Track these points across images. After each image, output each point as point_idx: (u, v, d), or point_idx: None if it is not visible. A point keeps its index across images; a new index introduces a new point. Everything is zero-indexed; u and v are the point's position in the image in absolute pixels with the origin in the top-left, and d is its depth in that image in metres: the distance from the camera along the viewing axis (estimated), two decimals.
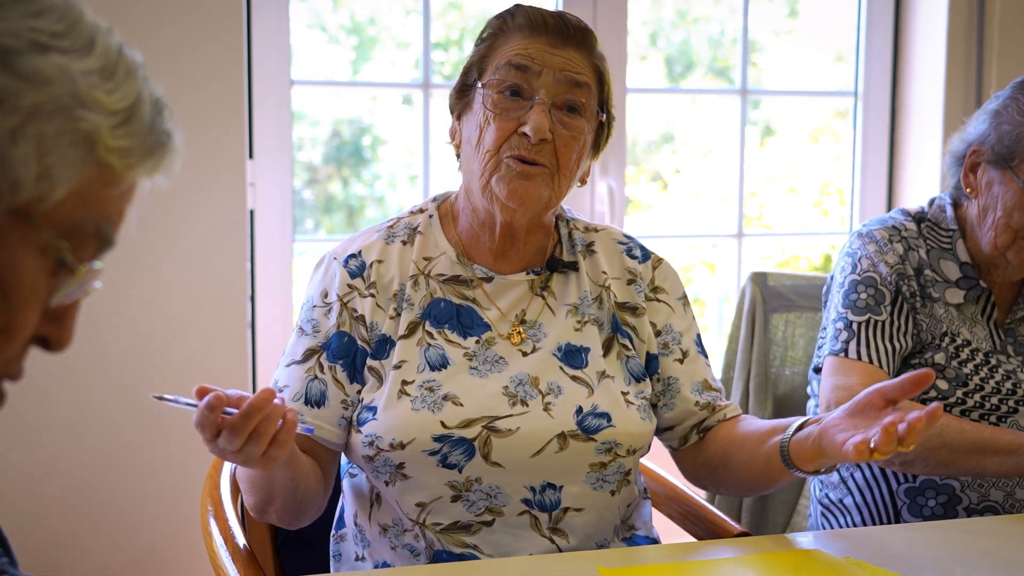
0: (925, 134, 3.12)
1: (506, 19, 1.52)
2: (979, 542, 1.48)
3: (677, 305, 1.63)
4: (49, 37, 0.71)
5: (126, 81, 0.75)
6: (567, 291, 1.57)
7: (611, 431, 1.47)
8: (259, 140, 2.67)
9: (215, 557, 1.42)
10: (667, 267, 1.65)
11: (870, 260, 1.80)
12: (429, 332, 1.50)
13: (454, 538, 1.45)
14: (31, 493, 2.49)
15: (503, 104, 1.47)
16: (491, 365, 1.49)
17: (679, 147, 3.73)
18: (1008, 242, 1.75)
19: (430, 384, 1.46)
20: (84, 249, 0.75)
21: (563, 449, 1.46)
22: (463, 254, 1.56)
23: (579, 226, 1.64)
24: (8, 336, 0.74)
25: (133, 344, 2.52)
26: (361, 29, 3.20)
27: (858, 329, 1.77)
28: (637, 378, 1.55)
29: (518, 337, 1.53)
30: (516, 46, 1.49)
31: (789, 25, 3.56)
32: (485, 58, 1.51)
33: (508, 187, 1.46)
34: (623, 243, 1.65)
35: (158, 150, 0.77)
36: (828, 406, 1.73)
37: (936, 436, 1.66)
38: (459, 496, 1.44)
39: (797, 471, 1.43)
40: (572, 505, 1.47)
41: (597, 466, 1.48)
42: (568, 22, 1.51)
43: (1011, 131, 1.73)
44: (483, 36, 1.54)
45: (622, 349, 1.56)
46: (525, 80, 1.47)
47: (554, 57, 1.48)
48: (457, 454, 1.43)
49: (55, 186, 0.71)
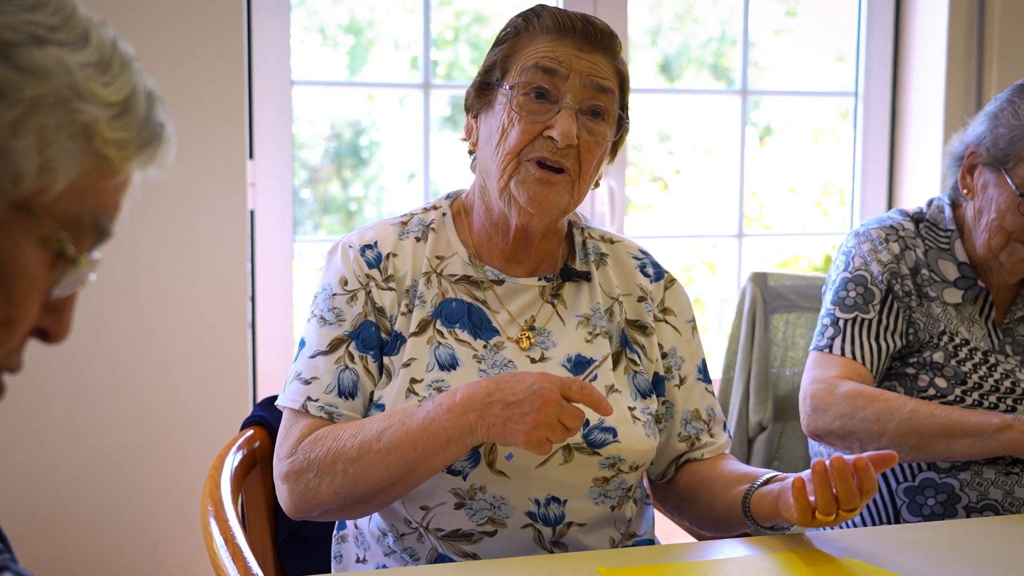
0: (925, 134, 3.12)
1: (531, 19, 1.50)
2: (979, 542, 1.48)
3: (685, 329, 1.61)
4: (46, 30, 0.72)
5: (121, 74, 0.75)
6: (579, 301, 1.55)
7: (616, 447, 1.46)
8: (259, 140, 2.67)
9: (215, 557, 1.41)
10: (678, 289, 1.63)
11: (863, 259, 1.81)
12: (440, 331, 1.49)
13: (455, 546, 1.45)
14: (31, 493, 2.49)
15: (529, 106, 1.45)
16: (500, 369, 1.48)
17: (679, 147, 3.73)
18: (1001, 244, 1.76)
19: (439, 384, 1.45)
20: (83, 241, 0.76)
21: (568, 461, 1.44)
22: (475, 255, 1.55)
23: (594, 235, 1.62)
24: (9, 328, 0.74)
25: (133, 344, 2.52)
26: (359, 30, 3.20)
27: (844, 326, 1.78)
28: (643, 394, 1.54)
29: (527, 342, 1.51)
30: (543, 48, 1.47)
31: (789, 25, 3.56)
32: (509, 58, 1.49)
33: (528, 192, 1.45)
34: (638, 258, 1.63)
35: (153, 142, 0.77)
36: (805, 399, 1.75)
37: (906, 422, 1.67)
38: (463, 504, 1.43)
39: (754, 524, 1.45)
40: (576, 520, 1.46)
41: (600, 481, 1.47)
42: (595, 26, 1.49)
43: (1006, 134, 1.74)
44: (505, 34, 1.52)
45: (630, 364, 1.55)
46: (552, 83, 1.45)
47: (581, 61, 1.46)
48: (462, 460, 1.41)
49: (56, 178, 0.72)
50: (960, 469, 1.76)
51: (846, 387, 1.72)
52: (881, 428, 1.68)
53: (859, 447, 1.71)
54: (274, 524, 1.65)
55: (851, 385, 1.72)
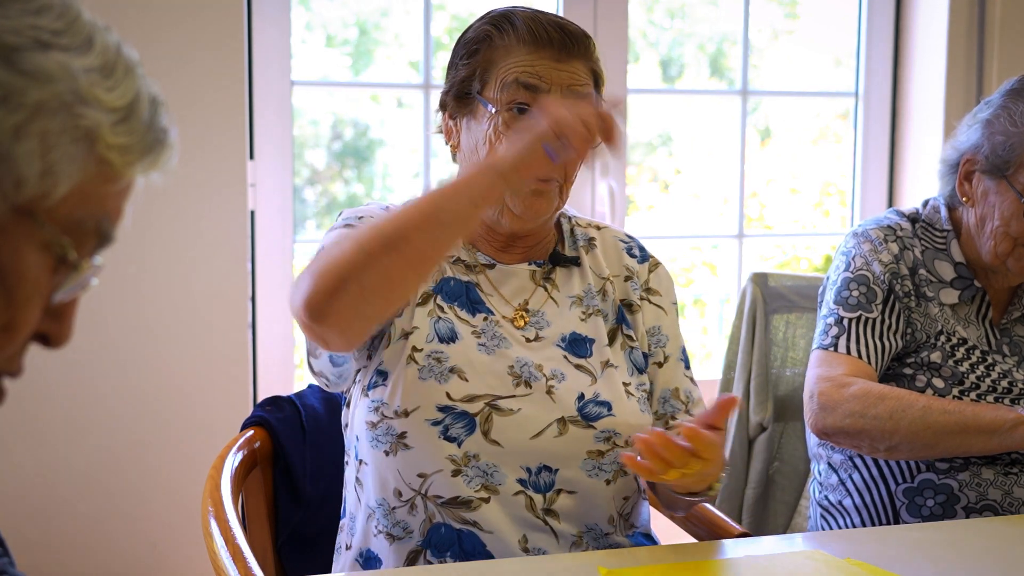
0: (926, 135, 3.12)
1: (505, 28, 1.50)
2: (979, 542, 1.49)
3: (670, 309, 1.64)
4: (50, 35, 0.72)
5: (125, 79, 0.75)
6: (570, 284, 1.59)
7: (611, 420, 1.49)
8: (260, 141, 2.68)
9: (215, 557, 1.42)
10: (663, 271, 1.67)
11: (864, 259, 1.81)
12: (440, 306, 1.52)
13: (454, 513, 1.46)
14: (32, 493, 2.49)
15: (514, 123, 1.46)
16: (497, 341, 1.51)
17: (679, 148, 3.73)
18: (1008, 250, 1.76)
19: (438, 355, 1.48)
20: (85, 246, 0.76)
21: (562, 434, 1.47)
22: (466, 241, 1.57)
23: (580, 223, 1.66)
24: (11, 333, 0.74)
25: (134, 345, 2.52)
26: (360, 30, 3.20)
27: (848, 325, 1.78)
28: (640, 370, 1.57)
29: (521, 320, 1.54)
30: (521, 62, 1.48)
31: (789, 26, 3.56)
32: (487, 70, 1.50)
33: (523, 204, 1.49)
34: (624, 242, 1.66)
35: (156, 147, 0.77)
36: (812, 396, 1.75)
37: (919, 419, 1.67)
38: (459, 471, 1.45)
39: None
40: (565, 487, 1.48)
41: (595, 454, 1.49)
42: (571, 34, 1.50)
43: (1004, 141, 1.74)
44: (478, 42, 1.52)
45: (626, 340, 1.58)
46: (533, 99, 1.46)
47: (561, 73, 1.48)
48: (458, 427, 1.44)
49: (58, 183, 0.72)
50: (959, 470, 1.76)
51: (855, 385, 1.71)
52: (894, 426, 1.68)
53: (869, 445, 1.71)
54: (274, 524, 1.65)
55: (861, 383, 1.72)
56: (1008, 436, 1.65)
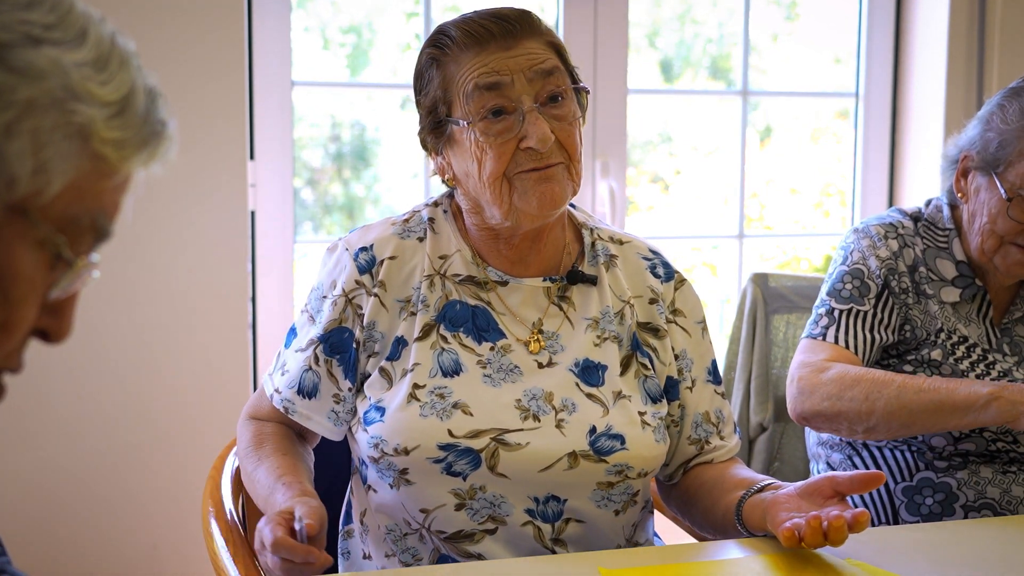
0: (926, 135, 3.12)
1: (444, 43, 1.45)
2: (978, 542, 1.48)
3: (695, 330, 1.59)
4: (41, 29, 0.71)
5: (119, 72, 0.74)
6: (588, 304, 1.53)
7: (624, 454, 1.44)
8: (260, 141, 2.68)
9: (216, 558, 1.42)
10: (688, 289, 1.61)
11: (861, 253, 1.83)
12: (443, 336, 1.47)
13: (458, 547, 1.44)
14: (32, 493, 2.49)
15: (493, 129, 1.41)
16: (505, 374, 1.46)
17: (680, 148, 3.73)
18: (994, 247, 1.77)
19: (441, 391, 1.43)
20: (81, 242, 0.75)
21: (572, 468, 1.43)
22: (477, 255, 1.52)
23: (603, 236, 1.59)
24: (8, 331, 0.74)
25: (134, 345, 2.52)
26: (361, 31, 3.20)
27: (839, 317, 1.79)
28: (654, 399, 1.52)
29: (536, 345, 1.49)
30: (473, 66, 1.42)
31: (789, 26, 3.56)
32: (446, 91, 1.44)
33: (536, 197, 1.42)
34: (648, 259, 1.60)
35: (153, 140, 0.76)
36: (792, 382, 1.76)
37: (894, 399, 1.67)
38: (463, 504, 1.43)
39: (747, 532, 1.45)
40: (573, 517, 1.45)
41: (604, 485, 1.45)
42: (508, 18, 1.43)
43: (995, 138, 1.75)
44: (428, 72, 1.47)
45: (640, 368, 1.52)
46: (501, 96, 1.40)
47: (515, 60, 1.41)
48: (462, 463, 1.41)
49: (51, 180, 0.71)
50: (957, 468, 1.77)
51: (833, 369, 1.72)
52: (870, 407, 1.68)
53: (847, 428, 1.71)
54: None
55: (838, 367, 1.72)
56: (982, 412, 1.64)
